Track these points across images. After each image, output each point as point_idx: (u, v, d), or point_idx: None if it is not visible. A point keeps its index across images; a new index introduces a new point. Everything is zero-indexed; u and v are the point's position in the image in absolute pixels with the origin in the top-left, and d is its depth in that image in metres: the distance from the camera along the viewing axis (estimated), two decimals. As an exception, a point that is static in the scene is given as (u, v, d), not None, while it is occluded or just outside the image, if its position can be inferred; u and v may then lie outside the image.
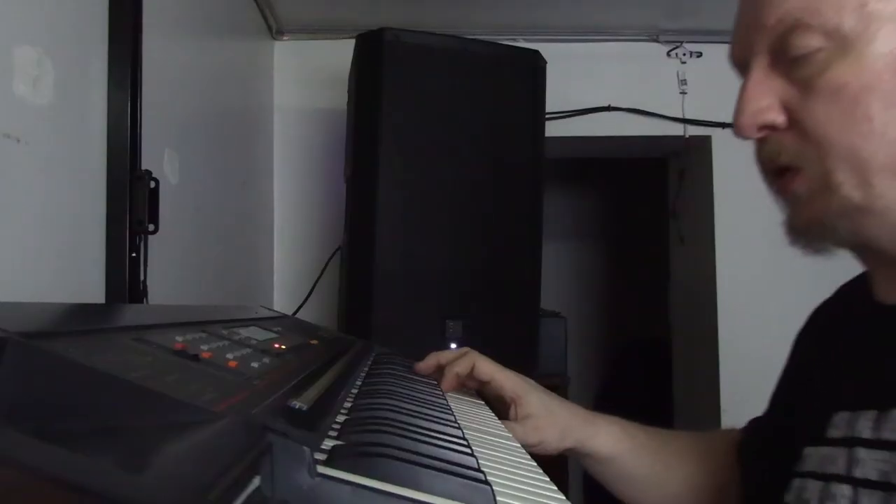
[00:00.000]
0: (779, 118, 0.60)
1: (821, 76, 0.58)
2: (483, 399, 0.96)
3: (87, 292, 1.04)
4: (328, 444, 0.45)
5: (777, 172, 0.62)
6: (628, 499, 0.95)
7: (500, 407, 0.92)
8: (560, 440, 0.90)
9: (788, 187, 0.62)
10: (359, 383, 0.78)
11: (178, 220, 1.35)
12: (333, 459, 0.41)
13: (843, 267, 0.73)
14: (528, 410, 0.89)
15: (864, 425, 0.60)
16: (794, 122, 0.60)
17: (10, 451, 0.24)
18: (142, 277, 1.11)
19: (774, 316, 2.14)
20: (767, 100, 0.61)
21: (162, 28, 1.28)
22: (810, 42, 0.58)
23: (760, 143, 0.63)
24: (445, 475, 0.43)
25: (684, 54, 2.29)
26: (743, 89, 0.62)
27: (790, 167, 0.61)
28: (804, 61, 0.58)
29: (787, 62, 0.60)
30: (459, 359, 0.95)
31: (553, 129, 2.06)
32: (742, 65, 0.64)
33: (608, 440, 0.91)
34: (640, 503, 0.94)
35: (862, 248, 0.64)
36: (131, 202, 1.10)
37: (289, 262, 2.25)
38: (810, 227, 0.62)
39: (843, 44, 0.57)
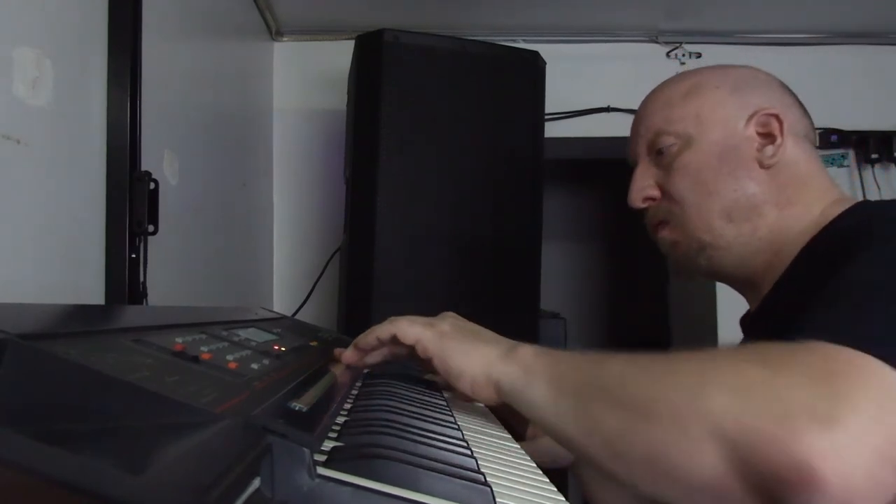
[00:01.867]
0: (655, 192, 0.90)
1: (675, 161, 0.87)
2: (496, 416, 0.94)
3: (86, 293, 1.04)
4: (328, 445, 0.45)
5: (656, 226, 0.91)
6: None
7: (514, 424, 0.93)
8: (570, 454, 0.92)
9: (661, 234, 0.91)
10: (358, 384, 0.78)
11: (178, 221, 1.35)
12: (333, 461, 0.41)
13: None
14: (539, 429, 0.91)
15: None
16: (664, 193, 0.89)
17: (11, 452, 0.24)
18: (141, 278, 1.11)
19: (774, 316, 2.14)
20: (648, 181, 0.90)
21: (162, 29, 1.28)
22: (667, 141, 0.88)
23: (646, 210, 0.92)
24: (445, 476, 0.43)
25: (684, 55, 2.30)
26: (633, 178, 0.92)
27: (664, 221, 0.90)
28: (665, 153, 0.88)
29: (655, 155, 0.89)
30: None
31: (553, 129, 2.06)
32: (633, 163, 0.94)
33: None
34: None
35: (721, 277, 0.92)
36: (131, 203, 1.10)
37: (289, 262, 2.25)
38: (681, 263, 0.91)
39: (687, 140, 0.87)
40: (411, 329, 0.74)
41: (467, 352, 0.71)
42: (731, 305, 2.34)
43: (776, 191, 0.84)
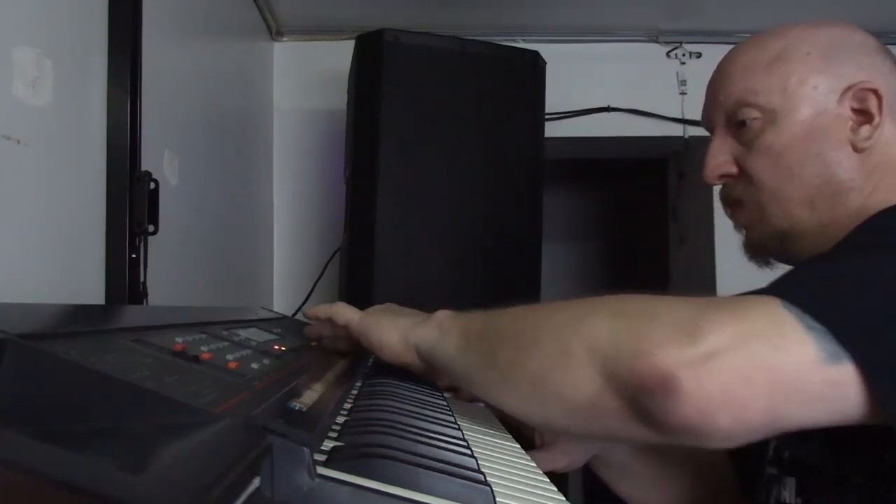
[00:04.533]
0: (732, 169, 0.82)
1: (757, 139, 0.78)
2: (497, 417, 0.94)
3: (87, 293, 1.04)
4: (328, 445, 0.45)
5: (730, 204, 0.84)
6: (632, 499, 0.98)
7: (523, 431, 0.93)
8: (585, 455, 0.95)
9: (735, 216, 0.84)
10: (359, 384, 0.78)
11: (178, 220, 1.35)
12: (333, 460, 0.41)
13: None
14: (553, 435, 0.92)
15: None
16: (742, 171, 0.81)
17: (11, 452, 0.24)
18: (142, 278, 1.11)
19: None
20: (724, 157, 0.82)
21: (162, 29, 1.28)
22: (750, 114, 0.78)
23: (722, 186, 0.84)
24: (445, 476, 0.43)
25: (684, 55, 2.30)
26: (709, 150, 0.83)
27: (737, 201, 0.82)
28: (747, 128, 0.79)
29: (735, 127, 0.80)
30: None
31: (553, 129, 2.06)
32: (709, 130, 0.86)
33: (625, 445, 0.96)
34: (644, 503, 0.98)
35: (792, 262, 0.81)
36: (131, 203, 1.10)
37: (289, 262, 2.25)
38: (755, 247, 0.83)
39: (772, 116, 0.77)
40: (344, 311, 0.84)
41: (387, 325, 0.78)
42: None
43: (865, 176, 0.75)
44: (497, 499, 0.43)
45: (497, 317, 0.68)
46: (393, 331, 0.77)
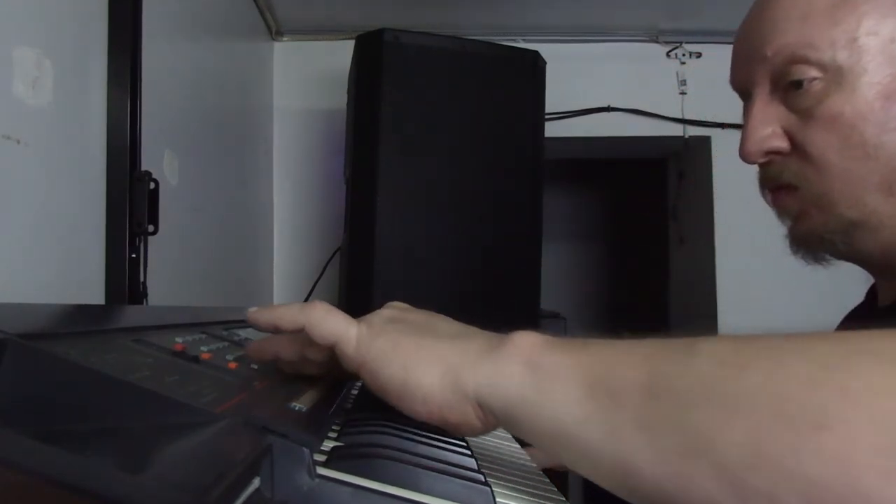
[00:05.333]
0: (783, 144, 0.65)
1: (819, 105, 0.61)
2: None
3: (87, 293, 1.04)
4: (328, 445, 0.45)
5: (775, 189, 0.67)
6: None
7: None
8: None
9: (782, 203, 0.67)
10: (359, 384, 0.78)
11: (178, 220, 1.35)
12: (333, 460, 0.41)
13: (843, 268, 0.73)
14: None
15: None
16: (796, 147, 0.64)
17: (10, 452, 0.24)
18: (142, 278, 1.11)
19: (774, 316, 2.13)
20: (771, 127, 0.65)
21: (162, 29, 1.28)
22: (807, 74, 0.62)
23: (764, 165, 0.67)
24: (445, 476, 0.43)
25: (684, 55, 2.30)
26: (748, 118, 0.66)
27: (788, 185, 0.65)
28: (803, 91, 0.62)
29: (786, 91, 0.63)
30: None
31: (553, 129, 2.06)
32: (743, 91, 0.68)
33: None
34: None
35: (855, 260, 0.67)
36: (131, 203, 1.10)
37: (289, 262, 2.25)
38: (809, 241, 0.66)
39: (837, 76, 0.61)
40: (329, 322, 0.47)
41: (416, 353, 0.44)
42: (731, 305, 2.34)
43: None
44: (497, 499, 0.43)
45: (683, 355, 0.35)
46: (430, 365, 0.43)
